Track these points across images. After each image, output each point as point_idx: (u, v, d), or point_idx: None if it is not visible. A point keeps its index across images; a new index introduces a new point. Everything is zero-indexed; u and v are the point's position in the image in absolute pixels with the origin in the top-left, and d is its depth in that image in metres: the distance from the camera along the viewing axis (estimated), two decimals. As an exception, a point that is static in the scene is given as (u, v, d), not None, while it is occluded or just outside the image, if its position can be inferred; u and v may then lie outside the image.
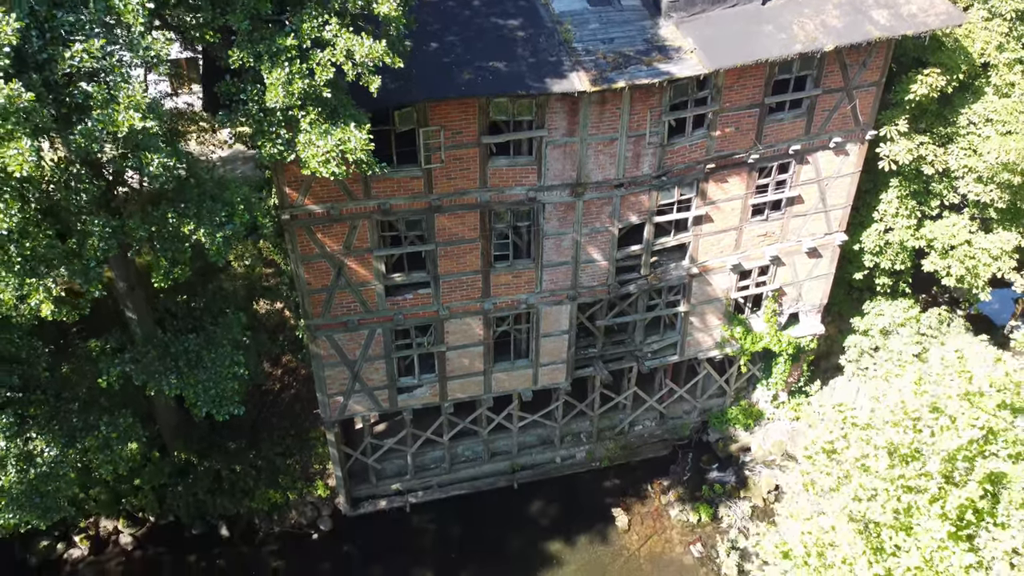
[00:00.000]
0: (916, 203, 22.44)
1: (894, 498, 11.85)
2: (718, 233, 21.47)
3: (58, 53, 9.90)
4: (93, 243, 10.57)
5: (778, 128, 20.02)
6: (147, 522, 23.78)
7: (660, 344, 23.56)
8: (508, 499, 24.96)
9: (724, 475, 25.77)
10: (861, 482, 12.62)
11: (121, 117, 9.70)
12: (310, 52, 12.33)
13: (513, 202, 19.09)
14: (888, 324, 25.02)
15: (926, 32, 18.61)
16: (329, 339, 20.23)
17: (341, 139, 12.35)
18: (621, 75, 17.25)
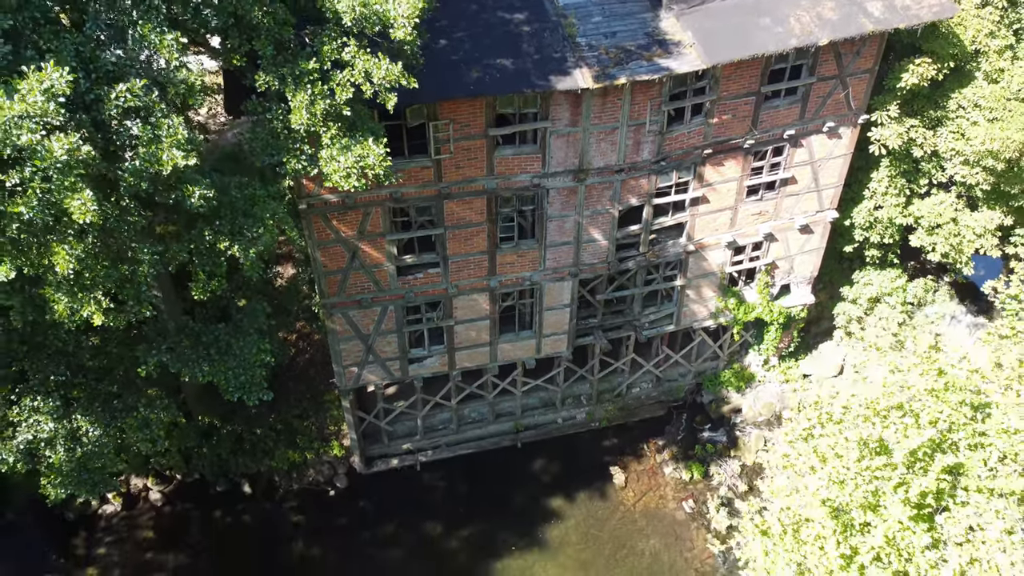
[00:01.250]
0: (906, 181, 23.31)
1: (863, 484, 13.18)
2: (714, 212, 22.42)
3: (104, 93, 10.78)
4: (143, 269, 11.64)
5: (773, 114, 20.77)
6: (174, 480, 25.41)
7: (657, 315, 24.76)
8: (512, 458, 26.55)
9: (716, 435, 27.30)
10: (834, 466, 13.98)
11: (165, 156, 10.65)
12: (330, 72, 13.16)
13: (518, 188, 20.01)
14: (876, 293, 26.20)
15: (919, 25, 19.22)
16: (344, 316, 21.41)
17: (360, 155, 13.26)
18: (623, 71, 17.98)
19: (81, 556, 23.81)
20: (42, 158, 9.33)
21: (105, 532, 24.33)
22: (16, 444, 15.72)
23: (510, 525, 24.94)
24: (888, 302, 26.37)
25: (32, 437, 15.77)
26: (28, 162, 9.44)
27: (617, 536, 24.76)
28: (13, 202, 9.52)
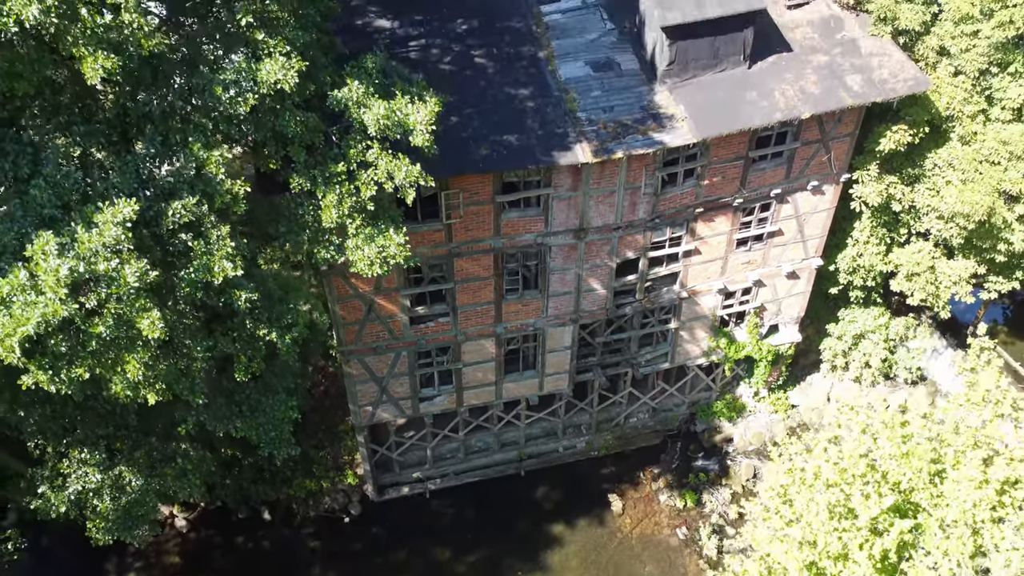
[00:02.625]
0: (886, 231, 24.81)
1: (832, 541, 14.74)
2: (706, 262, 23.93)
3: (162, 210, 12.27)
4: (197, 365, 13.18)
5: (761, 175, 22.26)
6: (198, 507, 26.99)
7: (653, 354, 26.32)
8: (516, 485, 28.14)
9: (709, 463, 28.89)
10: (808, 520, 15.54)
11: (216, 268, 12.16)
12: (356, 172, 14.67)
13: (523, 246, 21.53)
14: (860, 330, 27.78)
15: (895, 98, 20.70)
16: (360, 361, 22.96)
17: (383, 246, 14.78)
18: (619, 145, 19.46)
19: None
20: (118, 285, 10.86)
21: (135, 558, 25.93)
22: (67, 495, 17.29)
23: (515, 550, 26.53)
24: (871, 338, 27.94)
25: (81, 488, 17.34)
26: (105, 286, 10.95)
27: (615, 562, 26.36)
28: (92, 323, 11.05)
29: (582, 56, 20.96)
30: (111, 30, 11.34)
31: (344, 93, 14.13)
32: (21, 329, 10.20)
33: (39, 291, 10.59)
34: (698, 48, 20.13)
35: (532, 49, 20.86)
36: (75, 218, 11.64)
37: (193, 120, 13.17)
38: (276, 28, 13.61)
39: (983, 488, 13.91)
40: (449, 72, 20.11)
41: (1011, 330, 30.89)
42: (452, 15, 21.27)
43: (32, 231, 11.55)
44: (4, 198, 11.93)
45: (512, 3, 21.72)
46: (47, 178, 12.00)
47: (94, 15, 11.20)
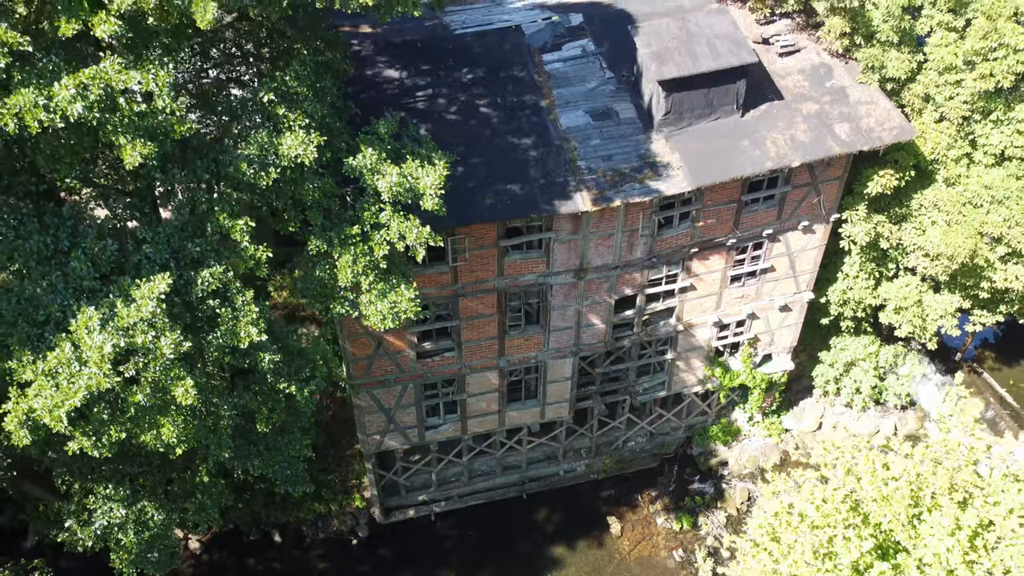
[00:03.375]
0: (875, 266, 25.75)
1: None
2: (701, 297, 24.88)
3: (192, 279, 13.22)
4: (224, 423, 14.13)
5: (753, 216, 23.20)
6: (211, 530, 27.92)
7: (650, 383, 27.27)
8: (518, 508, 29.10)
9: (704, 486, 29.83)
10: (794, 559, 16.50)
11: (243, 333, 13.12)
12: (369, 233, 15.62)
13: (525, 286, 22.48)
14: (851, 358, 28.74)
15: (881, 146, 21.64)
16: (369, 394, 23.92)
17: (394, 302, 15.73)
18: (617, 193, 20.41)
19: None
20: (155, 356, 11.80)
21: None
22: (94, 530, 18.23)
23: (517, 572, 27.47)
24: (862, 366, 28.91)
25: (107, 523, 18.29)
26: (142, 357, 11.90)
27: (613, 583, 27.34)
28: (131, 391, 11.98)
29: (582, 105, 21.90)
30: (146, 117, 12.29)
31: (359, 161, 15.09)
32: (69, 402, 11.16)
33: (83, 362, 11.55)
34: (693, 99, 21.08)
35: (534, 98, 21.81)
36: (113, 290, 12.59)
37: (219, 191, 14.12)
38: (295, 103, 14.55)
39: (956, 534, 14.85)
40: (455, 122, 21.07)
41: (999, 355, 31.79)
42: (458, 64, 22.21)
43: (73, 302, 12.51)
44: (46, 270, 12.88)
45: (515, 52, 22.66)
46: (85, 250, 12.96)
47: (131, 104, 12.16)
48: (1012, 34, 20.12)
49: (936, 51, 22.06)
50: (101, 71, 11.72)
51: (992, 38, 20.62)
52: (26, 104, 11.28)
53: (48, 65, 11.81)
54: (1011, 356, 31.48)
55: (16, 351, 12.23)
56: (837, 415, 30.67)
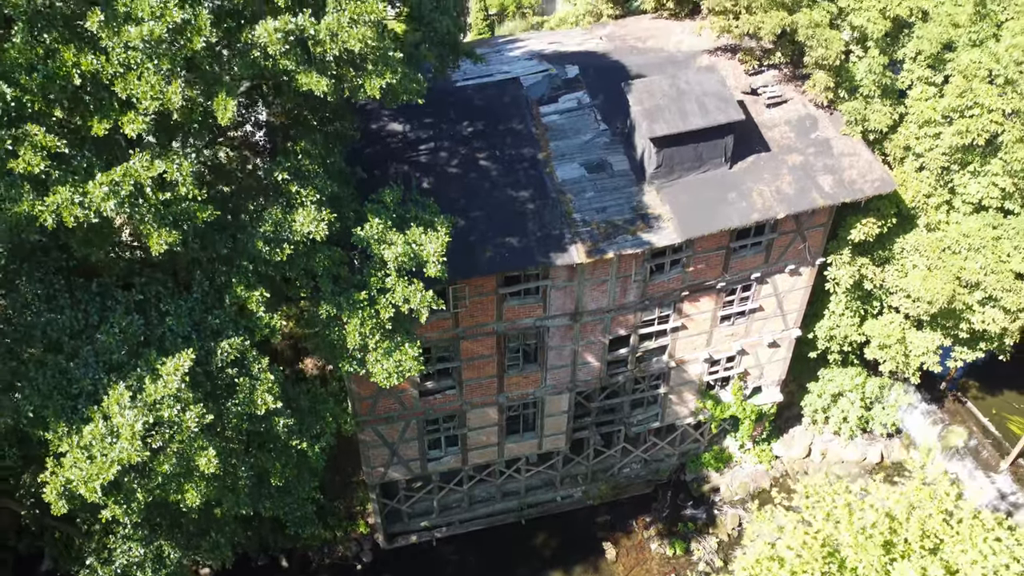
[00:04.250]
0: (860, 304, 26.77)
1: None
2: (692, 336, 25.91)
3: (212, 350, 14.25)
4: (242, 483, 15.13)
5: (742, 261, 24.23)
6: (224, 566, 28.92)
7: (644, 415, 28.31)
8: (517, 533, 30.13)
9: (697, 512, 30.86)
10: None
11: (260, 401, 14.14)
12: (376, 297, 16.64)
13: (523, 328, 23.51)
14: (838, 389, 29.79)
15: (863, 198, 22.65)
16: (374, 430, 24.96)
17: (399, 361, 16.75)
18: (611, 245, 21.43)
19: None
20: (180, 429, 12.83)
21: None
22: (114, 568, 19.24)
23: (515, 596, 28.52)
24: (849, 396, 29.97)
25: (126, 561, 19.30)
26: (168, 429, 12.93)
27: (608, 607, 28.37)
28: (158, 460, 13.01)
29: (577, 157, 22.91)
30: (171, 205, 13.33)
31: (366, 231, 16.11)
32: (103, 476, 12.20)
33: (116, 437, 12.59)
34: (683, 153, 22.10)
35: (532, 151, 22.83)
36: (140, 364, 13.63)
37: (236, 264, 15.15)
38: (307, 179, 15.59)
39: (924, 583, 15.92)
40: (456, 175, 22.10)
41: (983, 384, 32.77)
42: (459, 117, 23.24)
43: (103, 376, 13.55)
44: (78, 344, 13.92)
45: (514, 105, 23.68)
46: (114, 325, 13.99)
47: (157, 194, 13.20)
48: (986, 95, 21.12)
49: (916, 105, 23.07)
50: (131, 168, 12.75)
51: (968, 97, 21.62)
52: (64, 202, 12.31)
53: (82, 163, 12.84)
54: (994, 385, 32.45)
55: (52, 422, 13.27)
56: (826, 442, 31.70)
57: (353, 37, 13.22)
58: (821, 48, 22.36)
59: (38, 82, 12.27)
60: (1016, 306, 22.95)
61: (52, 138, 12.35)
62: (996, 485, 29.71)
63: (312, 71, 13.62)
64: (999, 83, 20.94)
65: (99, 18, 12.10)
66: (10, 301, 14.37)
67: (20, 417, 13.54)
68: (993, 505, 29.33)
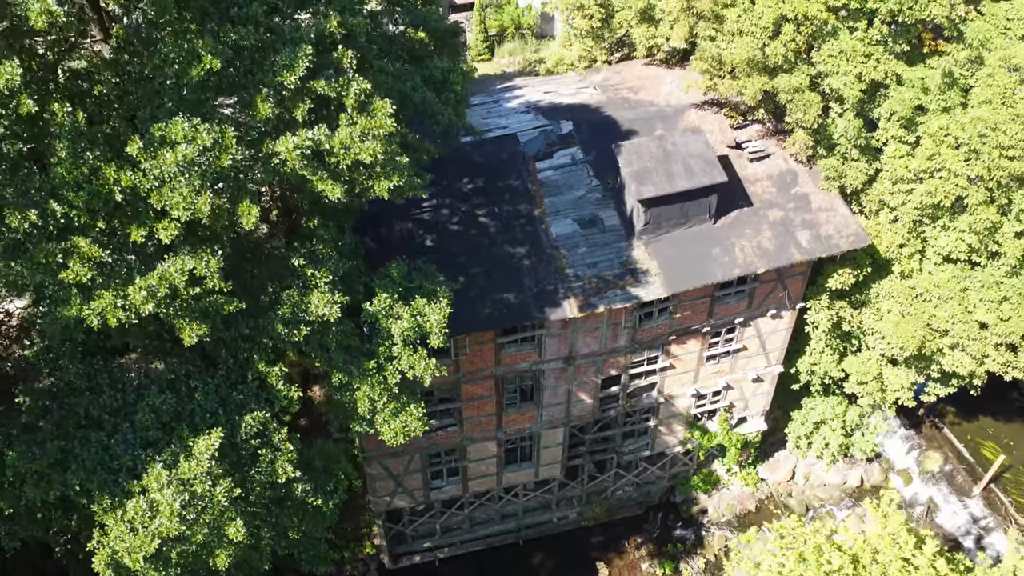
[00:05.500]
0: (839, 342, 28.31)
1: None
2: (680, 373, 27.47)
3: (237, 423, 15.82)
4: (265, 542, 16.76)
5: (726, 307, 25.74)
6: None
7: (635, 445, 29.94)
8: (516, 553, 31.84)
9: (686, 533, 32.54)
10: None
11: (280, 471, 15.71)
12: (383, 364, 18.19)
13: (520, 371, 25.07)
14: (820, 417, 31.39)
15: (838, 253, 24.14)
16: (380, 464, 26.59)
17: (405, 422, 18.32)
18: (601, 299, 22.95)
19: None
20: (211, 504, 14.40)
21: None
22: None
23: (513, 614, 30.24)
24: (831, 424, 31.57)
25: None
26: (200, 502, 14.50)
27: (601, 625, 30.10)
28: (193, 531, 14.59)
29: (571, 213, 24.39)
30: (200, 299, 14.86)
31: (375, 307, 17.64)
32: (146, 548, 13.79)
33: (155, 510, 14.19)
34: (669, 211, 23.57)
35: (528, 207, 24.30)
36: (174, 440, 15.21)
37: (257, 342, 16.71)
38: (321, 263, 17.10)
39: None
40: (457, 232, 23.59)
41: (959, 410, 34.36)
42: (460, 174, 24.68)
43: (141, 452, 15.13)
44: (117, 422, 15.49)
45: (511, 162, 25.13)
46: (149, 403, 15.56)
47: (188, 290, 14.72)
48: (952, 160, 22.55)
49: (890, 162, 24.49)
50: (166, 272, 14.26)
51: (936, 160, 23.05)
52: (108, 306, 13.84)
53: (122, 267, 14.36)
54: (970, 410, 34.05)
55: (96, 495, 14.86)
56: (808, 466, 33.34)
57: (365, 151, 14.70)
58: (800, 111, 23.78)
59: (84, 199, 13.75)
60: (980, 353, 24.47)
61: (97, 249, 13.86)
62: (968, 510, 31.38)
63: (327, 178, 15.10)
64: (964, 153, 22.35)
65: (138, 145, 13.57)
66: (56, 381, 15.93)
67: (68, 489, 15.14)
68: (965, 529, 31.00)
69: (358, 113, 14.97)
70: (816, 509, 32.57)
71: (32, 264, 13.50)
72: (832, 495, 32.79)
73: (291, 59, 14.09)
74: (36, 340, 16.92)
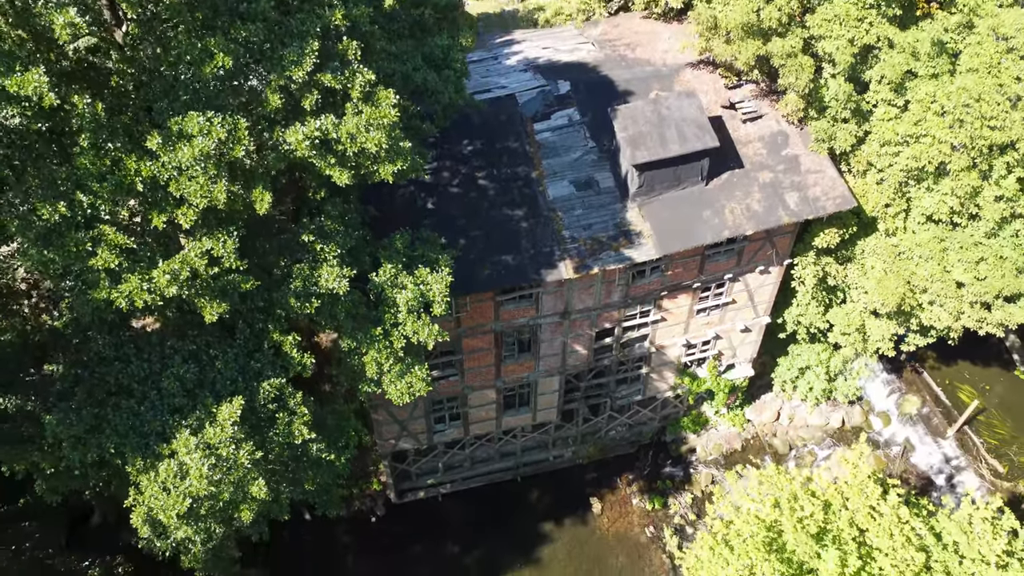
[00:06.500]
0: (825, 294, 29.50)
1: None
2: (671, 325, 28.75)
3: (255, 390, 17.08)
4: (284, 497, 18.20)
5: (716, 264, 26.81)
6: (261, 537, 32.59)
7: (628, 391, 31.48)
8: (514, 489, 33.80)
9: (675, 470, 34.45)
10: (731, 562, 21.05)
11: (296, 433, 17.06)
12: (389, 331, 19.40)
13: (518, 326, 26.34)
14: (805, 363, 32.87)
15: (824, 215, 25.05)
16: (385, 410, 28.14)
17: (410, 383, 19.65)
18: (596, 261, 24.00)
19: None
20: (235, 465, 15.81)
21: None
22: (169, 543, 22.69)
23: (512, 545, 32.31)
24: (815, 370, 33.07)
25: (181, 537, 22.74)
26: (225, 463, 15.92)
27: (594, 555, 32.24)
28: (220, 491, 16.05)
29: (567, 175, 25.19)
30: (219, 278, 15.95)
31: (381, 277, 18.74)
32: (178, 507, 15.27)
33: (185, 473, 15.62)
34: (663, 175, 24.38)
35: (526, 169, 25.09)
36: (198, 406, 16.54)
37: (271, 313, 17.87)
38: (330, 237, 18.11)
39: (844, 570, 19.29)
40: (457, 195, 24.45)
41: (939, 355, 35.82)
42: (459, 136, 25.35)
43: (168, 417, 16.49)
44: (145, 390, 16.79)
45: (510, 123, 25.76)
46: (173, 372, 16.84)
47: (208, 270, 15.80)
48: (937, 127, 23.23)
49: (879, 125, 25.16)
50: (187, 257, 15.30)
51: (922, 126, 23.73)
52: (134, 289, 14.94)
53: (146, 252, 15.40)
54: (949, 356, 35.51)
55: (129, 457, 16.28)
56: (793, 408, 35.01)
57: (370, 141, 15.53)
58: (792, 76, 24.31)
59: (108, 189, 14.68)
60: (957, 310, 25.67)
61: (123, 236, 14.86)
62: (942, 450, 33.18)
63: (335, 164, 15.97)
64: (948, 120, 23.01)
65: (157, 140, 14.42)
66: (86, 352, 17.17)
67: (103, 452, 16.56)
68: (938, 468, 32.86)
69: (363, 103, 15.72)
70: (798, 448, 34.40)
71: (64, 252, 14.53)
72: (814, 435, 34.55)
73: (299, 55, 14.78)
74: (64, 312, 18.08)
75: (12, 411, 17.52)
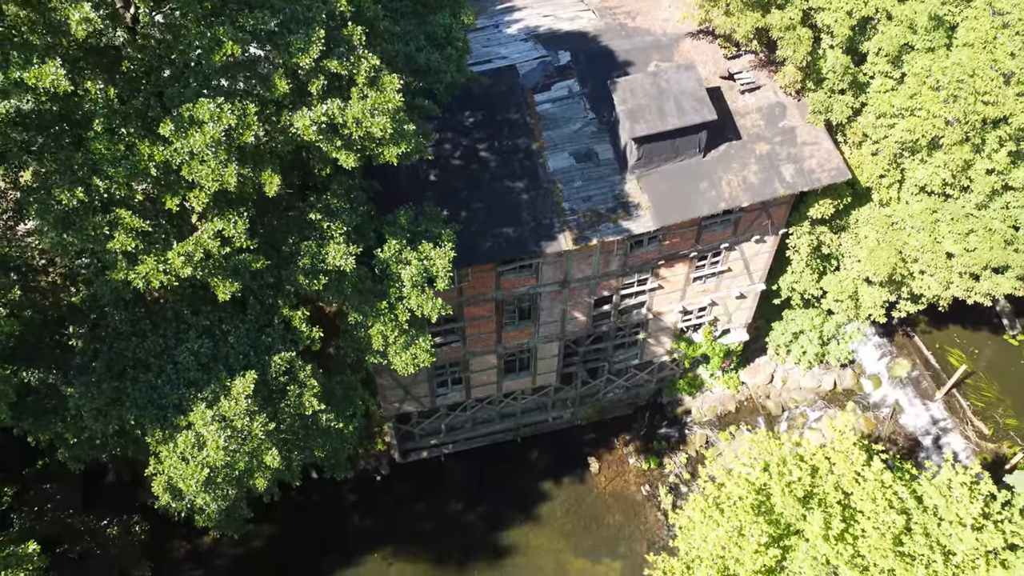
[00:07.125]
0: (819, 262, 30.11)
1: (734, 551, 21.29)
2: (668, 293, 29.42)
3: (266, 363, 17.82)
4: (295, 464, 19.09)
5: (712, 234, 27.36)
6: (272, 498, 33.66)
7: (625, 355, 32.30)
8: (514, 449, 34.87)
9: (670, 431, 35.47)
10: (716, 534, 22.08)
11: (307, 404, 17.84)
12: (394, 304, 20.07)
13: (519, 295, 27.01)
14: (798, 328, 33.64)
15: (819, 187, 25.51)
16: (390, 375, 28.95)
17: (415, 354, 20.39)
18: (595, 233, 24.55)
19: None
20: (250, 436, 16.59)
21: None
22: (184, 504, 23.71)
23: (512, 503, 33.50)
24: (808, 335, 33.85)
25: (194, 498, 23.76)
26: (240, 435, 16.71)
27: (591, 513, 33.43)
28: (235, 460, 16.86)
29: (567, 147, 25.58)
30: (230, 258, 16.56)
31: (386, 253, 19.34)
32: (197, 476, 16.12)
33: (202, 444, 16.44)
34: (661, 147, 24.78)
35: (527, 141, 25.46)
36: (213, 380, 17.29)
37: (281, 289, 18.51)
38: (336, 215, 18.65)
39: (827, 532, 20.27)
40: (459, 167, 24.89)
41: (931, 319, 36.57)
42: (461, 107, 25.65)
43: (184, 390, 17.25)
44: (161, 364, 17.51)
45: (511, 94, 26.04)
46: (188, 347, 17.55)
47: (220, 250, 16.40)
48: (931, 102, 23.57)
49: (875, 97, 25.47)
50: (201, 239, 15.88)
51: (917, 99, 24.06)
52: (150, 270, 15.55)
53: (160, 234, 15.96)
54: (940, 321, 36.26)
55: (149, 428, 17.09)
56: (787, 371, 35.89)
57: (376, 126, 15.98)
58: (791, 47, 24.55)
59: (123, 174, 15.19)
60: (946, 280, 26.31)
61: (138, 220, 15.43)
62: (930, 412, 34.15)
63: (341, 148, 16.44)
64: (943, 95, 23.33)
65: (170, 127, 14.88)
66: (103, 328, 17.85)
67: (124, 423, 17.36)
68: (925, 430, 33.86)
69: (368, 87, 16.13)
70: (791, 410, 35.38)
71: (82, 235, 15.11)
72: (806, 398, 35.49)
73: (305, 42, 15.15)
74: (82, 288, 18.72)
75: (36, 384, 18.27)
